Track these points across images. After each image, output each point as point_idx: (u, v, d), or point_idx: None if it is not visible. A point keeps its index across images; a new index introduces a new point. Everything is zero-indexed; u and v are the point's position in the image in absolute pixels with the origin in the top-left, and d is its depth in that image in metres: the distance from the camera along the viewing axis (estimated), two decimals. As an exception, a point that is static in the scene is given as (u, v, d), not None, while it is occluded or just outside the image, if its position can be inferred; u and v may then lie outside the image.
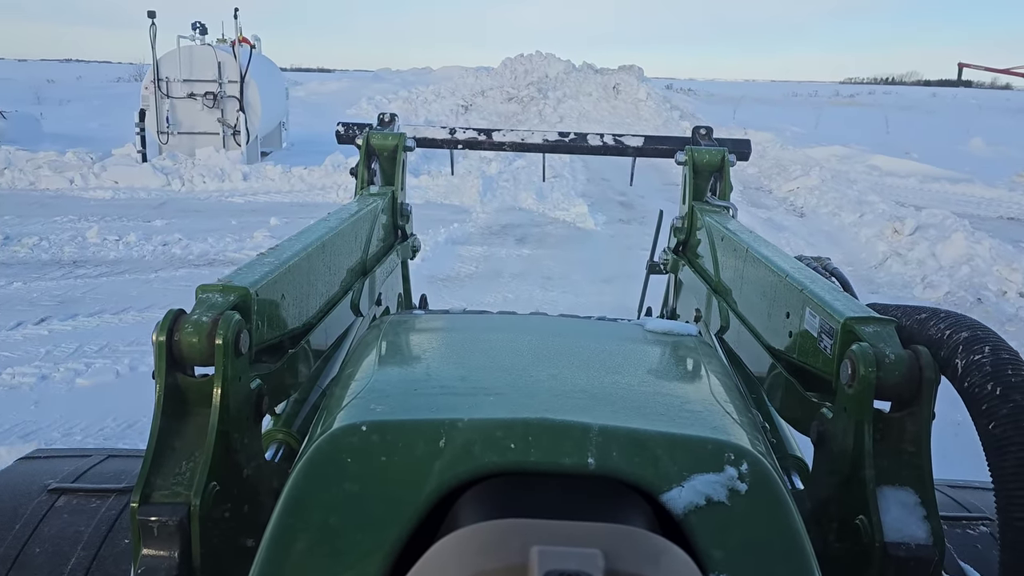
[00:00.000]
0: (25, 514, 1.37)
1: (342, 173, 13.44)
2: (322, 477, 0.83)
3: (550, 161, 18.27)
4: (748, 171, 18.37)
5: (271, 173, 13.27)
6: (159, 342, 1.04)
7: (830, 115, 39.55)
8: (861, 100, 63.20)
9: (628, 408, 0.96)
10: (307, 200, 12.50)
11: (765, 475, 0.83)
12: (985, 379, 0.97)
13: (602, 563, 0.55)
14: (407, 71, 37.54)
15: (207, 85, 14.02)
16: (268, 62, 17.85)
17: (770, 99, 56.55)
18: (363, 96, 29.37)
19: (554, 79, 27.22)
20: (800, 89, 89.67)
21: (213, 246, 8.85)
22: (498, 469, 0.80)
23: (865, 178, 17.29)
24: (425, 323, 1.45)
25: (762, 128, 27.06)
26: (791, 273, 1.44)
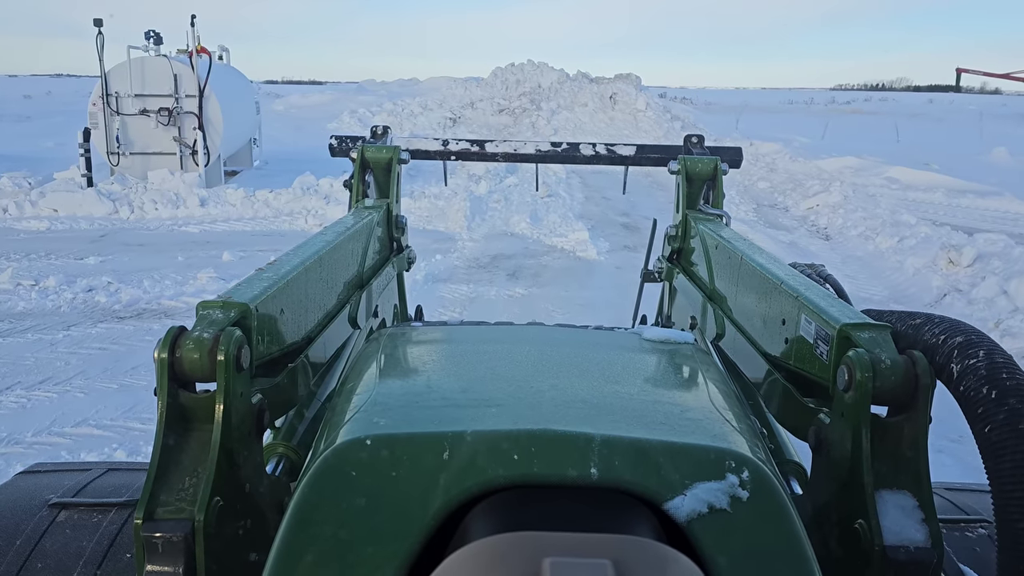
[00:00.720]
0: (27, 529, 1.38)
1: (312, 196, 12.15)
2: (329, 490, 0.84)
3: (544, 179, 17.06)
4: (759, 186, 17.20)
5: (232, 198, 11.95)
6: (161, 359, 1.05)
7: (835, 124, 38.51)
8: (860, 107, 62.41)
9: (629, 417, 0.97)
10: (271, 228, 11.19)
11: (766, 482, 0.85)
12: (980, 383, 0.98)
13: (612, 573, 0.57)
14: (393, 82, 36.31)
15: (162, 100, 12.73)
16: (236, 74, 16.58)
17: (767, 107, 55.67)
18: (346, 109, 28.14)
19: (547, 89, 26.03)
20: (795, 96, 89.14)
21: (148, 291, 7.52)
22: (505, 482, 0.82)
23: (886, 192, 16.07)
24: (423, 335, 1.48)
25: (768, 138, 25.94)
26: (786, 280, 1.46)
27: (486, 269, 9.18)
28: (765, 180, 17.53)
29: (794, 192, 15.68)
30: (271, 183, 13.35)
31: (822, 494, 1.16)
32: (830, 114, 47.50)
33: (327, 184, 12.55)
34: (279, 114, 29.06)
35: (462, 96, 27.16)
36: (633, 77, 26.60)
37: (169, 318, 6.83)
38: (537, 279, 8.73)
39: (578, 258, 9.85)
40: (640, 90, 25.37)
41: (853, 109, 52.34)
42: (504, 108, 24.77)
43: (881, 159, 20.67)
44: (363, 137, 2.90)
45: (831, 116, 46.50)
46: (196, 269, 8.38)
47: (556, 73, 26.97)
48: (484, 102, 25.66)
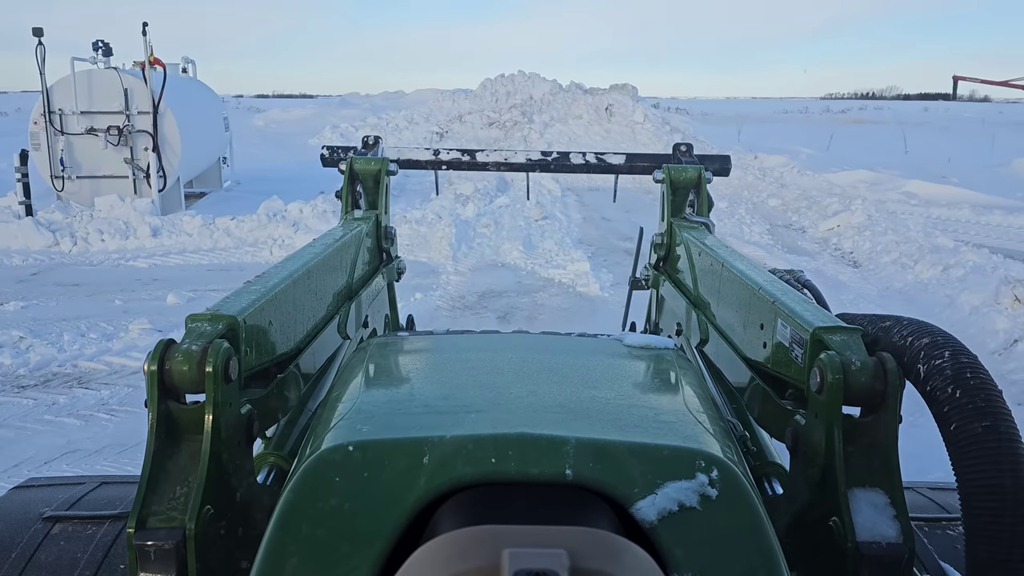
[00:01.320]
0: (21, 542, 1.40)
1: (278, 224, 10.96)
2: (311, 494, 0.88)
3: (538, 198, 15.94)
4: (770, 203, 16.11)
5: (189, 226, 10.75)
6: (151, 371, 1.08)
7: (837, 134, 37.60)
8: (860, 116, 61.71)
9: (604, 421, 1.00)
10: (230, 261, 10.00)
11: (735, 481, 0.88)
12: (946, 383, 1.03)
13: (567, 562, 0.60)
14: (378, 95, 35.24)
15: (111, 118, 11.54)
16: (201, 88, 15.42)
17: (764, 117, 54.87)
18: (328, 124, 27.01)
19: (539, 101, 24.97)
20: (788, 106, 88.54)
21: (65, 348, 6.31)
22: (475, 481, 0.85)
23: (906, 209, 14.99)
24: (410, 344, 1.50)
25: (771, 150, 24.94)
26: (764, 286, 1.50)
27: (473, 310, 8.01)
28: (776, 197, 16.44)
29: (810, 211, 14.59)
30: (238, 208, 12.17)
31: (799, 493, 1.19)
32: (829, 124, 46.63)
33: (296, 210, 11.37)
34: (258, 130, 27.92)
35: (450, 109, 26.07)
36: (629, 87, 25.57)
37: (83, 387, 5.62)
38: (532, 323, 7.55)
39: (579, 294, 8.67)
40: (637, 101, 24.34)
41: (854, 118, 51.52)
42: (494, 121, 23.69)
43: (895, 172, 19.65)
44: (354, 147, 2.91)
45: (831, 126, 45.64)
46: (132, 316, 7.18)
47: (549, 84, 25.92)
48: (473, 115, 24.58)
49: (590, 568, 0.62)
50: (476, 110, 25.39)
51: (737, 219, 14.48)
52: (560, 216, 13.88)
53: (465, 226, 11.94)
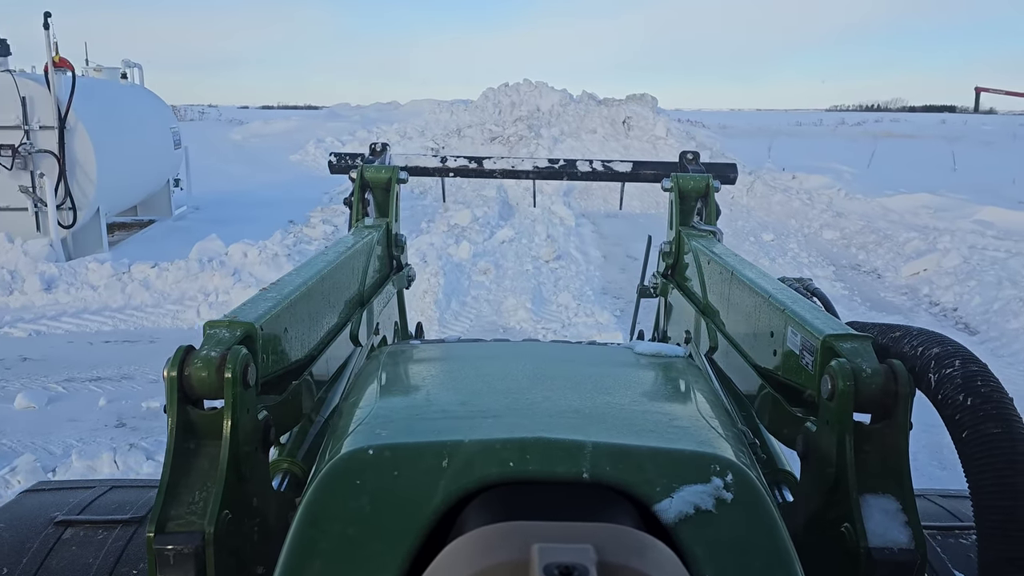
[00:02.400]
0: (32, 547, 1.41)
1: (214, 273, 8.55)
2: (333, 498, 0.91)
3: (550, 230, 13.61)
4: (825, 236, 13.75)
5: (95, 276, 8.37)
6: (171, 377, 1.10)
7: (868, 149, 35.29)
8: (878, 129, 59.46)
9: (619, 426, 1.04)
10: (141, 326, 7.62)
11: (750, 485, 0.91)
12: (957, 391, 1.05)
13: (594, 556, 0.63)
14: (369, 106, 32.97)
15: (5, 134, 9.18)
16: (144, 98, 13.11)
17: (781, 130, 52.66)
18: (312, 138, 24.73)
19: (548, 113, 22.65)
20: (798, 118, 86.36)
21: None
22: (498, 480, 0.89)
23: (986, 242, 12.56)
24: (423, 352, 1.53)
25: (809, 169, 22.56)
26: (774, 294, 1.52)
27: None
28: (832, 228, 14.02)
29: (880, 247, 12.19)
30: (179, 246, 9.80)
31: (810, 499, 1.21)
32: (855, 137, 44.29)
33: (239, 254, 8.96)
34: (235, 144, 25.65)
35: (447, 122, 23.76)
36: (648, 98, 23.23)
37: None
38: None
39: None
40: (657, 113, 22.00)
41: (885, 132, 49.08)
42: (497, 136, 21.37)
43: (961, 195, 17.24)
44: (362, 155, 2.99)
45: (859, 140, 43.30)
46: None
47: (558, 94, 23.59)
48: (473, 128, 22.27)
49: (617, 563, 0.64)
50: (476, 123, 23.07)
51: (790, 256, 12.12)
52: (576, 254, 11.50)
53: (458, 272, 9.56)
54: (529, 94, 24.01)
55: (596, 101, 23.50)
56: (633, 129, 20.98)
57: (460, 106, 24.94)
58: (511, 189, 18.23)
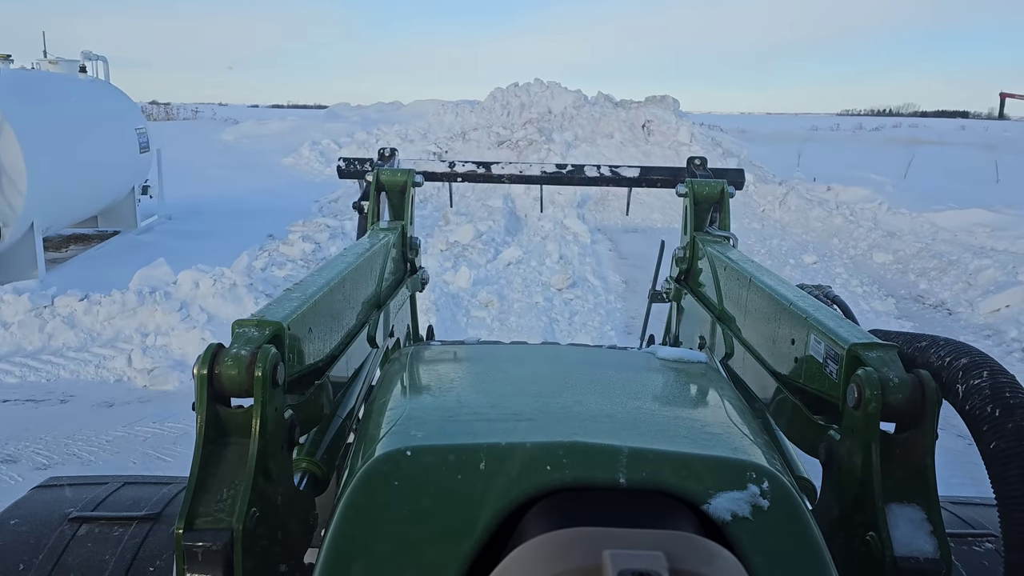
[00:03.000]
0: (48, 543, 1.42)
1: (156, 307, 7.09)
2: (371, 501, 0.92)
3: (562, 249, 12.14)
4: (877, 259, 12.21)
5: (9, 311, 6.94)
6: (200, 375, 1.10)
7: (900, 156, 33.68)
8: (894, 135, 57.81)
9: (652, 432, 1.05)
10: (56, 378, 6.17)
11: (785, 492, 0.91)
12: (985, 402, 1.05)
13: (666, 564, 0.64)
14: (371, 106, 31.53)
15: (-86, 135, 7.76)
16: (105, 94, 11.68)
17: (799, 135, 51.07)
18: (308, 140, 23.33)
19: (560, 115, 21.17)
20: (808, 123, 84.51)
21: None
22: (551, 487, 0.89)
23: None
24: (445, 354, 1.58)
25: (843, 179, 21.03)
26: (795, 302, 1.51)
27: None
28: (883, 250, 12.48)
29: (945, 275, 10.64)
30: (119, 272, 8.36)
31: (833, 507, 1.21)
32: (883, 144, 42.63)
33: (188, 283, 7.47)
34: (226, 146, 24.28)
35: (451, 124, 22.31)
36: (670, 101, 21.73)
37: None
38: None
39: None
40: (680, 117, 20.51)
41: (909, 137, 47.39)
42: (505, 140, 19.91)
43: (1019, 211, 15.68)
44: (371, 159, 3.10)
45: (887, 147, 41.67)
46: None
47: (571, 95, 22.10)
48: (479, 131, 20.81)
49: (688, 570, 0.65)
50: (483, 125, 21.60)
51: (840, 284, 10.58)
52: (593, 281, 10.00)
53: (454, 305, 8.08)
54: (540, 95, 22.53)
55: (613, 103, 22.01)
56: (654, 134, 19.48)
57: (466, 107, 23.49)
58: (519, 198, 16.76)
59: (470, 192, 18.13)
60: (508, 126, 21.29)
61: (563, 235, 13.15)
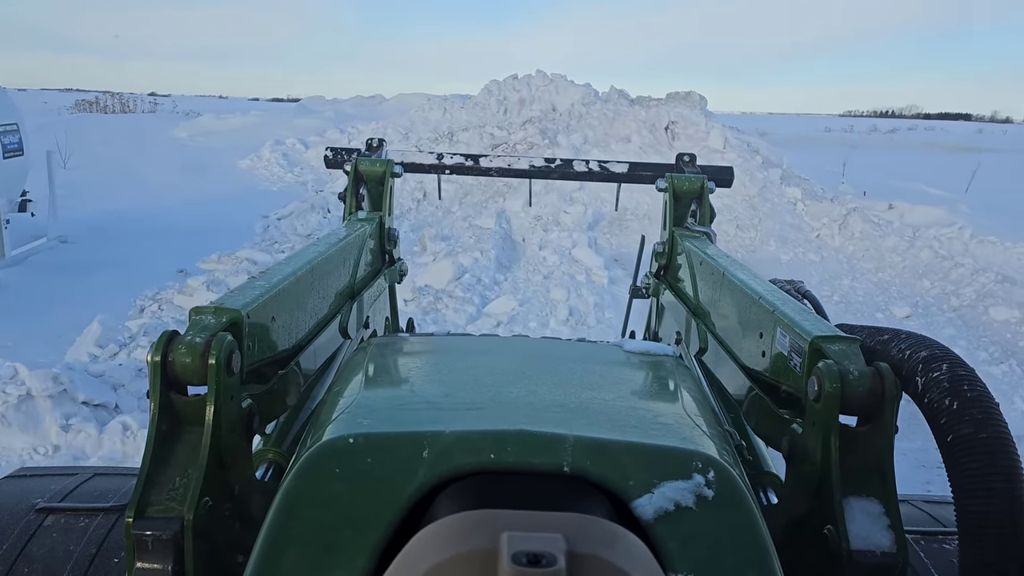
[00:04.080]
0: (13, 534, 1.43)
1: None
2: (312, 485, 0.92)
3: (569, 290, 9.23)
4: (996, 315, 9.22)
5: None
6: (154, 362, 1.11)
7: (939, 163, 30.78)
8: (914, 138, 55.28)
9: (602, 421, 1.06)
10: None
11: (731, 483, 0.92)
12: (943, 395, 1.07)
13: (564, 546, 0.64)
14: (348, 100, 28.31)
15: None
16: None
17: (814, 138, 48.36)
18: (271, 138, 20.33)
19: (567, 114, 18.15)
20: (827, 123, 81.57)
21: None
22: (474, 470, 0.91)
23: None
24: (411, 345, 1.57)
25: (892, 192, 18.10)
26: (764, 295, 1.53)
27: None
28: (1002, 301, 9.40)
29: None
30: None
31: (794, 501, 1.22)
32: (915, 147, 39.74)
33: None
34: (177, 144, 21.22)
35: (438, 122, 19.28)
36: (696, 98, 18.67)
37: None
38: None
39: None
40: (709, 117, 17.49)
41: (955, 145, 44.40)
42: (500, 142, 16.91)
43: None
44: (358, 150, 3.02)
45: (919, 151, 38.80)
46: None
47: (579, 90, 19.04)
48: (470, 132, 17.80)
49: (586, 552, 0.66)
50: (475, 125, 18.59)
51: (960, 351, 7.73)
52: (599, 321, 7.02)
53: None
54: (543, 89, 19.50)
55: (628, 100, 18.99)
56: (679, 138, 16.48)
57: (456, 103, 20.45)
58: (516, 217, 13.79)
59: (456, 207, 15.17)
60: (505, 126, 18.28)
61: (572, 272, 10.17)
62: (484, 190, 15.40)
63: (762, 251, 13.19)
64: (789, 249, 13.17)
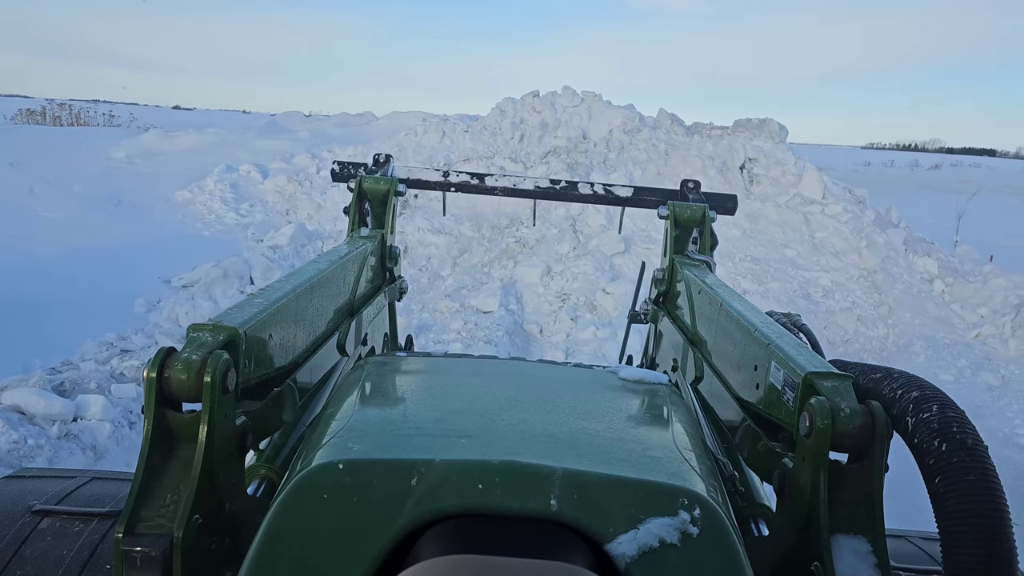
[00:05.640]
0: (8, 535, 1.45)
1: None
2: (299, 512, 0.94)
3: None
4: None
5: None
6: (149, 378, 1.12)
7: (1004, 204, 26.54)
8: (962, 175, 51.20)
9: (591, 453, 1.07)
10: None
11: (717, 520, 0.94)
12: (932, 436, 1.07)
13: None
14: (333, 117, 24.13)
15: None
16: None
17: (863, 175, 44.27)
18: (224, 162, 16.24)
19: (603, 144, 13.98)
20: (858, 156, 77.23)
21: None
22: (461, 510, 0.92)
23: None
24: (406, 365, 1.59)
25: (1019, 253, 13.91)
26: (760, 328, 1.54)
27: None
28: None
29: None
30: None
31: (783, 537, 1.23)
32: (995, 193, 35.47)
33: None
34: (110, 167, 17.10)
35: (434, 150, 15.12)
36: (773, 126, 14.47)
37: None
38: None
39: None
40: (793, 155, 13.26)
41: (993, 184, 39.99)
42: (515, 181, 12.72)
43: None
44: (365, 164, 3.10)
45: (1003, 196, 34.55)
46: None
47: (619, 113, 14.83)
48: (474, 163, 13.65)
49: None
50: (481, 154, 14.44)
51: None
52: None
53: None
54: (572, 111, 15.34)
55: (684, 128, 14.78)
56: (760, 181, 12.28)
57: (458, 124, 16.29)
58: (530, 292, 9.61)
59: (447, 271, 11.02)
60: (520, 157, 14.12)
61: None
62: (488, 248, 11.20)
63: (903, 360, 8.96)
64: (944, 359, 8.90)
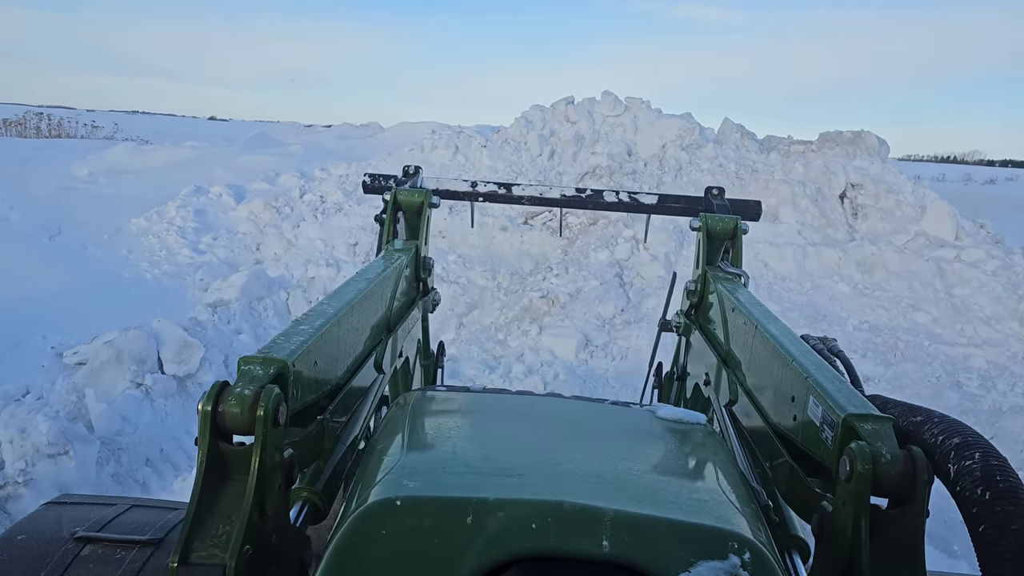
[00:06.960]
0: (52, 561, 1.49)
1: None
2: (361, 546, 1.02)
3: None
4: None
5: None
6: (204, 411, 1.16)
7: None
8: None
9: (640, 495, 1.12)
10: None
11: (766, 564, 0.99)
12: (975, 484, 1.08)
13: None
14: (335, 128, 21.69)
15: None
16: None
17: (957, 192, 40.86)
18: (194, 182, 13.73)
19: (654, 162, 11.22)
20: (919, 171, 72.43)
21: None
22: (524, 554, 0.97)
23: None
24: (449, 402, 1.68)
25: None
26: (797, 358, 1.53)
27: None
28: None
29: None
30: None
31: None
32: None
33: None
34: (67, 187, 14.66)
35: (445, 168, 12.46)
36: (871, 140, 11.60)
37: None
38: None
39: None
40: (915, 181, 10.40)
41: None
42: (537, 213, 10.02)
43: None
44: (395, 176, 3.21)
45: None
46: None
47: (675, 124, 12.05)
48: (491, 189, 11.02)
49: None
50: (501, 175, 11.73)
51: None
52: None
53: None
54: (613, 121, 12.56)
55: (756, 143, 11.95)
56: (867, 215, 9.42)
57: (475, 137, 13.60)
58: (558, 370, 6.91)
59: (449, 333, 8.40)
60: (550, 178, 11.38)
61: None
62: (505, 304, 8.45)
63: None
64: None
